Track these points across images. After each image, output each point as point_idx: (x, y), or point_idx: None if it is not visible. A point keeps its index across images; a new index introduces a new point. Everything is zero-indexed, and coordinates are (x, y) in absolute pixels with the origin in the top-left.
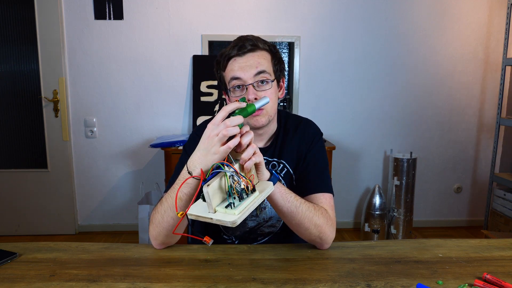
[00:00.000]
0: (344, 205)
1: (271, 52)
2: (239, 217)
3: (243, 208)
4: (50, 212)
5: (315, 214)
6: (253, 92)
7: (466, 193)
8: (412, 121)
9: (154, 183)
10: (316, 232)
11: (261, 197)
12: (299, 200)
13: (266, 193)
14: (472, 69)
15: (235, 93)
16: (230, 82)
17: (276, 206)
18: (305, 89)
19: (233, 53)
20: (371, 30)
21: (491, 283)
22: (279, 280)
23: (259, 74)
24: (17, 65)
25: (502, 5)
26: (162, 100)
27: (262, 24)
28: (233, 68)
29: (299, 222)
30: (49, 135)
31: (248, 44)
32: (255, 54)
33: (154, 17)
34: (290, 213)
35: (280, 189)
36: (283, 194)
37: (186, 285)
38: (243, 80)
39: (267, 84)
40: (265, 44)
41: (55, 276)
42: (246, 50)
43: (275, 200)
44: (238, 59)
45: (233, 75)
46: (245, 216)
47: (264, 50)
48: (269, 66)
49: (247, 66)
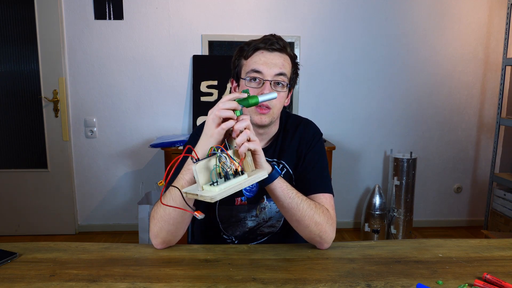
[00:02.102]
0: (344, 205)
1: (293, 61)
2: (219, 194)
3: (225, 187)
4: (50, 212)
5: (316, 212)
6: (269, 89)
7: (466, 193)
8: (412, 121)
9: (154, 183)
10: (316, 231)
11: (248, 180)
12: (301, 197)
13: (255, 178)
14: (472, 69)
15: (250, 84)
16: (250, 73)
17: (277, 201)
18: (305, 89)
19: (262, 46)
20: (371, 30)
21: (491, 283)
22: (279, 280)
23: (280, 75)
24: (17, 65)
25: (502, 5)
26: (162, 100)
27: (262, 24)
28: (257, 61)
29: (299, 219)
30: (49, 135)
31: (279, 44)
32: (282, 56)
33: (154, 17)
34: (290, 209)
35: (281, 184)
36: (284, 189)
37: (186, 285)
38: (264, 75)
39: (282, 87)
40: (291, 51)
41: (55, 276)
42: (275, 48)
43: (276, 194)
44: (266, 54)
45: (256, 68)
46: (226, 195)
47: (289, 56)
48: (289, 71)
49: (272, 63)
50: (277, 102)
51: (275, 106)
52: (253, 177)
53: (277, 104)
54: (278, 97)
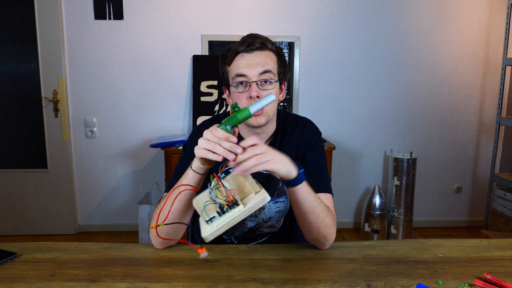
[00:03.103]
0: (344, 205)
1: (278, 54)
2: (211, 234)
3: (217, 225)
4: (50, 212)
5: (327, 215)
6: (256, 90)
7: (466, 193)
8: (412, 121)
9: (154, 183)
10: (324, 232)
11: (245, 212)
12: (317, 201)
13: (253, 207)
14: (472, 69)
15: (237, 89)
16: (235, 78)
17: (296, 203)
18: (305, 89)
19: (241, 49)
20: (371, 30)
21: (491, 283)
22: (279, 280)
23: (264, 73)
24: (17, 65)
25: (502, 5)
26: (162, 100)
27: (262, 24)
28: (239, 65)
29: (312, 221)
30: (49, 135)
31: (257, 42)
32: (263, 53)
33: (154, 17)
34: (306, 213)
35: (304, 189)
36: (305, 194)
37: (186, 285)
38: (248, 77)
39: (270, 84)
40: (273, 45)
41: (55, 276)
42: (254, 47)
43: (296, 197)
44: (246, 56)
45: (239, 72)
46: (219, 233)
47: (271, 51)
48: (275, 67)
49: (254, 63)
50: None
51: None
52: (250, 207)
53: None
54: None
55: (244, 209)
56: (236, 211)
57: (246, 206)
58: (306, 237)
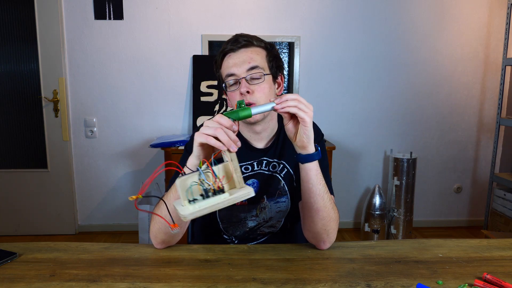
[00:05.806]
0: (344, 205)
1: (266, 49)
2: (191, 213)
3: (199, 207)
4: (50, 212)
5: (333, 208)
6: (246, 86)
7: (466, 193)
8: (412, 121)
9: (154, 183)
10: (328, 226)
11: (230, 200)
12: (326, 188)
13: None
14: (472, 69)
15: (230, 88)
16: (226, 78)
17: (308, 183)
18: (305, 89)
19: (228, 48)
20: (371, 30)
21: (491, 283)
22: (279, 280)
23: (252, 69)
24: (17, 65)
25: (502, 5)
26: (162, 100)
27: (262, 24)
28: (227, 65)
29: (319, 208)
30: (49, 135)
31: (242, 40)
32: (249, 50)
33: (154, 17)
34: (316, 196)
35: (317, 169)
36: (318, 175)
37: (186, 285)
38: (237, 75)
39: (259, 79)
40: (260, 41)
41: (55, 276)
42: (240, 45)
43: (310, 175)
44: (232, 55)
45: (228, 72)
46: (201, 214)
47: (258, 47)
48: (263, 62)
49: (240, 61)
50: (261, 94)
51: (260, 98)
52: (235, 196)
53: (261, 96)
54: (261, 88)
55: (229, 197)
56: (221, 197)
57: (231, 196)
58: (308, 233)
